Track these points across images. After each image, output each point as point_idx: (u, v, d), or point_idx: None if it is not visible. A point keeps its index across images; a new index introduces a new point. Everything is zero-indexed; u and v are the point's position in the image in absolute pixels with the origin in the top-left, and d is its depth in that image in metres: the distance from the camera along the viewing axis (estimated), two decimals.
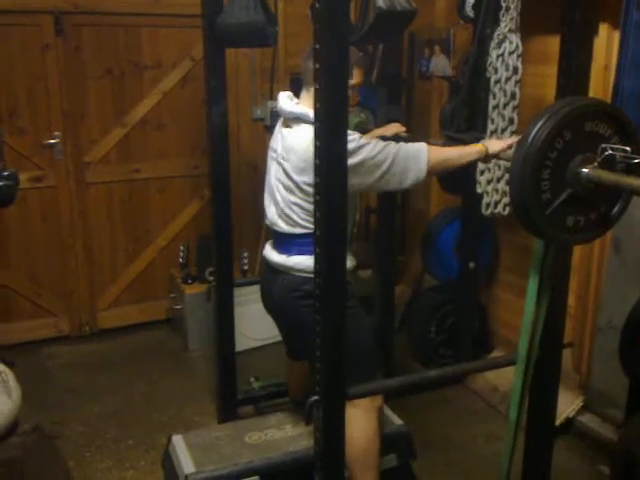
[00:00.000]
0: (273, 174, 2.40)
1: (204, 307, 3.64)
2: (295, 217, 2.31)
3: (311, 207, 2.11)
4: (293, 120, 2.30)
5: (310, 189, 2.13)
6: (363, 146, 2.08)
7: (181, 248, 4.15)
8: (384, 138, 2.66)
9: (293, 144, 2.25)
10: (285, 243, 2.39)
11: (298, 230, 2.32)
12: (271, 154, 2.45)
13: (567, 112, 1.55)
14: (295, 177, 2.24)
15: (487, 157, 2.25)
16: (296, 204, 2.29)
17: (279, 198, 2.36)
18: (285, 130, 2.34)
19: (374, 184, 2.16)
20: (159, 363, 3.84)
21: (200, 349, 3.96)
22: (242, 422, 2.69)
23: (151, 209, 4.21)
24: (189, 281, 4.05)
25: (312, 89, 2.22)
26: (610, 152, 1.58)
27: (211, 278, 3.59)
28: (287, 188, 2.30)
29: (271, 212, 2.43)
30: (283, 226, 2.37)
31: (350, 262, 2.34)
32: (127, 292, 4.24)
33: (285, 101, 2.33)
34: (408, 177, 2.14)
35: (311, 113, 2.12)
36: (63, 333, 4.10)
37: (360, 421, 2.26)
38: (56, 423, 3.21)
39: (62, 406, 3.36)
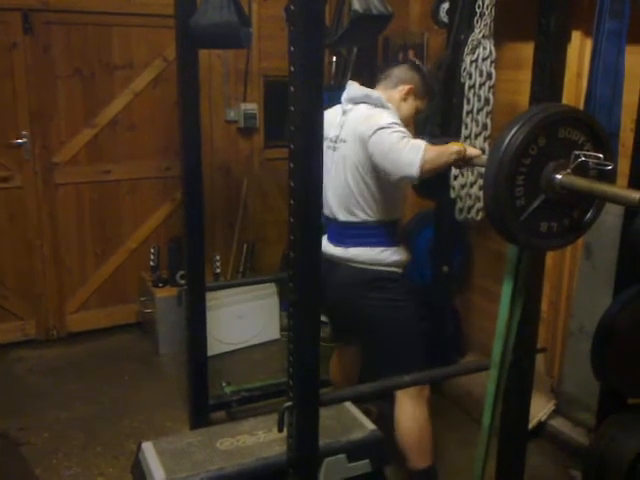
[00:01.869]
0: (331, 161, 2.46)
1: (175, 311, 3.59)
2: (355, 205, 2.42)
3: (372, 193, 2.38)
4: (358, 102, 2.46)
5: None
6: (387, 127, 2.26)
7: (152, 251, 4.10)
8: None
9: (359, 125, 2.37)
10: (341, 235, 2.48)
11: (356, 219, 2.43)
12: (327, 143, 2.49)
13: (541, 118, 1.56)
14: (358, 157, 2.36)
15: (464, 159, 2.28)
16: (358, 189, 2.40)
17: (340, 185, 2.44)
18: (346, 115, 2.46)
19: (383, 166, 2.28)
20: (129, 368, 3.78)
21: (171, 353, 3.91)
22: (214, 428, 2.64)
23: (121, 211, 4.15)
24: (160, 284, 4.00)
25: (389, 89, 2.50)
26: (583, 159, 1.59)
27: (182, 281, 3.56)
28: (347, 171, 2.41)
29: (330, 202, 2.50)
30: (342, 216, 2.47)
31: (405, 255, 2.52)
32: (96, 295, 4.17)
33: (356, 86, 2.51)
34: (403, 167, 2.20)
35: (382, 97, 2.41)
36: (30, 337, 4.02)
37: (412, 410, 2.47)
38: (22, 429, 3.14)
39: (29, 412, 3.29)
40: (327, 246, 2.54)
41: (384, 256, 2.45)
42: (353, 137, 2.37)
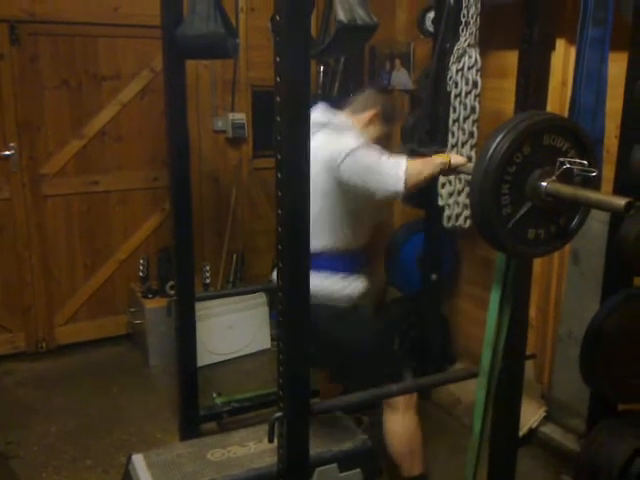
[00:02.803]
0: None
1: (165, 322, 3.58)
2: (315, 233, 2.33)
3: (334, 220, 2.31)
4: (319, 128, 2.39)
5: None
6: (360, 148, 2.23)
7: (141, 262, 4.09)
8: None
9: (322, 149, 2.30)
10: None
11: (315, 247, 2.29)
12: None
13: (525, 127, 1.56)
14: (322, 185, 2.31)
15: (450, 169, 2.28)
16: (320, 216, 2.32)
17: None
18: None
19: (366, 186, 2.24)
20: (119, 379, 3.76)
21: (161, 365, 3.89)
22: (204, 439, 2.63)
23: (110, 222, 4.13)
24: (149, 295, 3.99)
25: (355, 114, 2.46)
26: (568, 166, 1.60)
27: (172, 292, 3.55)
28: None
29: None
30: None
31: (363, 285, 2.46)
32: (85, 307, 4.15)
33: (321, 111, 2.47)
34: (388, 183, 2.18)
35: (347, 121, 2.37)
36: (19, 349, 3.99)
37: (401, 418, 2.47)
38: (11, 443, 3.11)
39: (18, 425, 3.26)
40: None
41: (340, 286, 2.41)
42: (316, 164, 2.22)
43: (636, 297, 2.22)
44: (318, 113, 2.44)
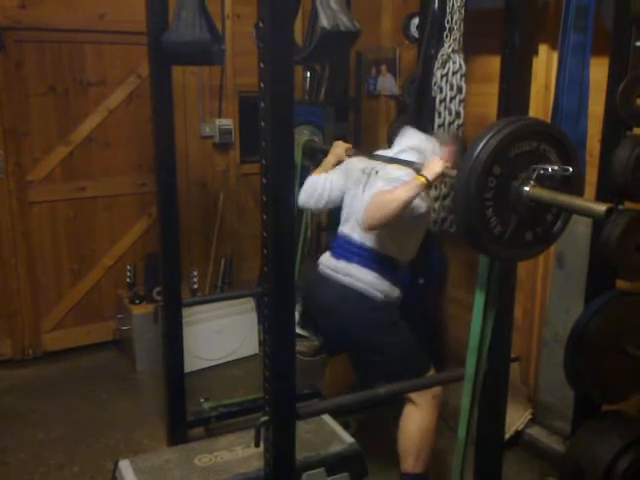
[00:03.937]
0: (362, 187, 2.59)
1: (152, 328, 3.57)
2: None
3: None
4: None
5: None
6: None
7: (128, 267, 4.08)
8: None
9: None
10: (349, 252, 2.55)
11: (368, 244, 2.52)
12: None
13: (487, 155, 1.53)
14: None
15: (430, 184, 2.34)
16: None
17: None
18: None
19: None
20: (106, 386, 3.75)
21: (148, 371, 3.88)
22: (192, 444, 2.63)
23: (97, 228, 4.13)
24: (136, 301, 3.98)
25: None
26: (542, 171, 1.59)
27: (159, 298, 3.54)
28: None
29: (351, 222, 2.60)
30: (356, 236, 2.55)
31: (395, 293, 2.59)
32: (72, 313, 4.13)
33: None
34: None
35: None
36: (5, 357, 3.97)
37: (418, 417, 2.52)
38: None
39: (4, 432, 3.25)
40: (329, 259, 2.63)
41: (378, 282, 2.52)
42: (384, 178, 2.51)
43: (619, 299, 2.24)
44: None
